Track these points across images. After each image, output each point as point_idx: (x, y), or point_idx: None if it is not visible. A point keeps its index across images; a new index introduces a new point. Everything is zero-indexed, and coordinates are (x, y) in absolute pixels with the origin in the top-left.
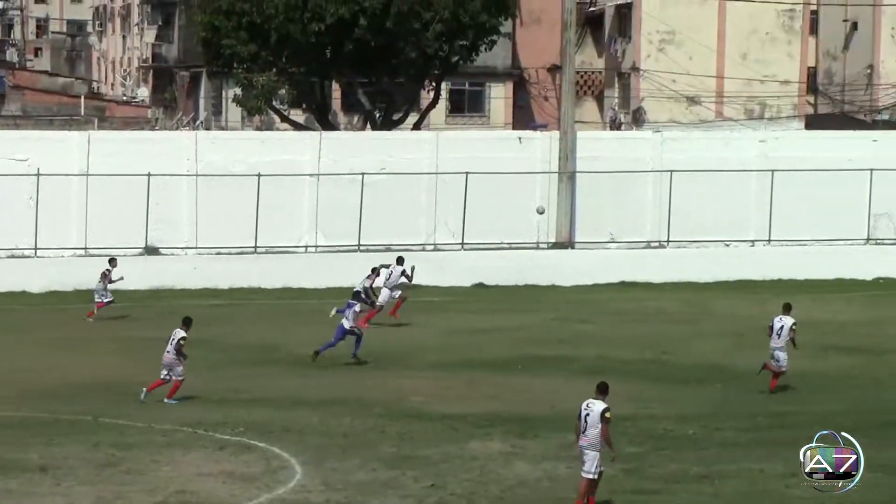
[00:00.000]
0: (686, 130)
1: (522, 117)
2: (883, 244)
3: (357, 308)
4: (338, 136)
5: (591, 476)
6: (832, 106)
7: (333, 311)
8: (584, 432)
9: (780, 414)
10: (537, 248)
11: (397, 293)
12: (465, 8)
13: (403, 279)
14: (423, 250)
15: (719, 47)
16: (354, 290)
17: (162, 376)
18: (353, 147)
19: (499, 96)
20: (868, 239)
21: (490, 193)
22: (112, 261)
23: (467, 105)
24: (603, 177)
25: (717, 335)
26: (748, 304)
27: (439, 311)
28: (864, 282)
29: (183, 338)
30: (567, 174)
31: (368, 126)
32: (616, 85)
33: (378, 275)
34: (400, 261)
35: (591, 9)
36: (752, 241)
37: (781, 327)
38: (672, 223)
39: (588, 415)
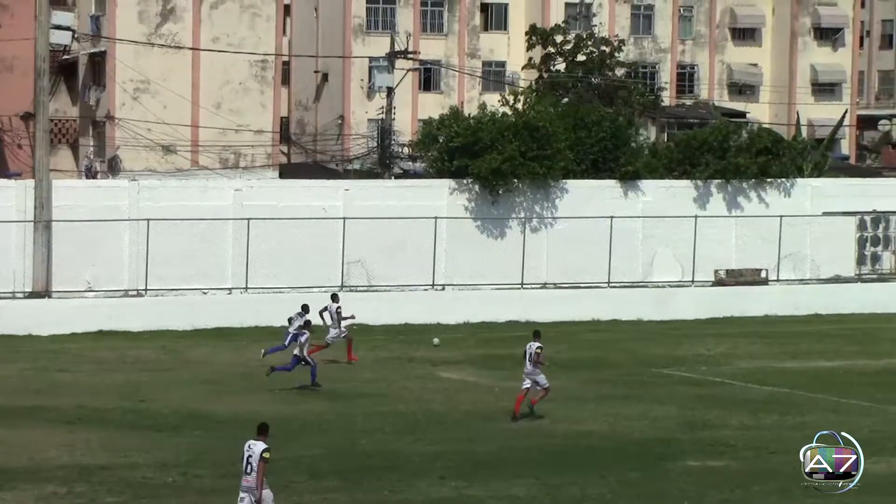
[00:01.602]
0: (162, 179)
1: None
2: (356, 291)
3: (304, 338)
4: None
5: None
6: (305, 155)
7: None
8: (247, 473)
9: None
10: (13, 297)
11: (344, 331)
12: None
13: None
14: None
15: (194, 97)
16: (302, 321)
17: None
18: None
19: None
20: (342, 286)
21: None
22: None
23: None
24: (80, 225)
25: (194, 382)
26: (225, 350)
27: None
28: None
29: None
30: (43, 223)
31: None
32: (91, 133)
33: (308, 312)
34: (335, 298)
35: (65, 56)
36: (230, 289)
37: (530, 353)
38: (150, 271)
39: (250, 456)
